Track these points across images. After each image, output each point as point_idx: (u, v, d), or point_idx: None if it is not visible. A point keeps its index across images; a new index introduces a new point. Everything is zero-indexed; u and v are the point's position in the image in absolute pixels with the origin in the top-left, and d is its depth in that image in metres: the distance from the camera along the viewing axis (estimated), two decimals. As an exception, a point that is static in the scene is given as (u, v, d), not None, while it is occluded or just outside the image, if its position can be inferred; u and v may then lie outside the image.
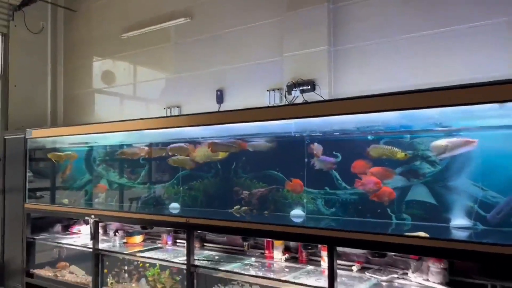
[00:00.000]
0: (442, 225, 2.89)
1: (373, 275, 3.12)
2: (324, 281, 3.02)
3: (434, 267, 2.92)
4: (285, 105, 3.79)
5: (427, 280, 2.95)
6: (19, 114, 5.88)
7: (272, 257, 3.77)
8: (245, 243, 4.00)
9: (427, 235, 2.54)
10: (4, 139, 5.42)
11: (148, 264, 4.11)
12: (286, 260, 3.68)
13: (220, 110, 4.46)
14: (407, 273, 3.08)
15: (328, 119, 3.18)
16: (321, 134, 3.56)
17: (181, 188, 4.25)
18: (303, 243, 3.49)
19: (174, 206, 4.24)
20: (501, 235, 2.63)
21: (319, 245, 3.39)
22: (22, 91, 5.97)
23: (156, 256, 4.02)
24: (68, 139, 5.07)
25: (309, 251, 3.57)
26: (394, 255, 3.16)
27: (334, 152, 3.38)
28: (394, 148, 2.99)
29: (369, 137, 3.31)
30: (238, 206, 3.83)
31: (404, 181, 3.11)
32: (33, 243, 5.06)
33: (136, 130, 4.23)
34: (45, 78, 6.27)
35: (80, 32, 6.28)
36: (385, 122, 3.19)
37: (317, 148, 3.31)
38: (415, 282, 2.96)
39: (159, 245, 4.46)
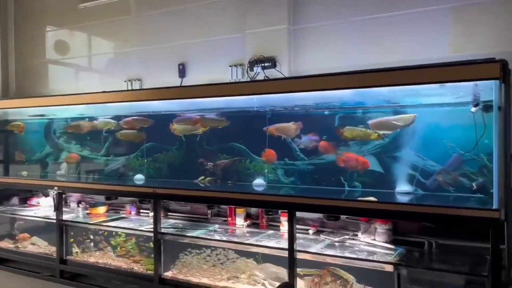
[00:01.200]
0: (388, 191, 3.27)
1: (327, 237, 3.46)
2: (284, 244, 3.32)
3: (381, 228, 3.29)
4: (247, 82, 3.97)
5: (374, 239, 3.32)
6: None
7: (234, 224, 4.02)
8: (209, 211, 4.22)
9: (375, 199, 2.88)
10: (-47, 110, 5.21)
11: (114, 233, 4.24)
12: (248, 226, 3.95)
13: (182, 84, 4.56)
14: (357, 235, 3.44)
15: (288, 95, 3.39)
16: (281, 109, 3.81)
17: (145, 160, 4.37)
18: (265, 210, 3.76)
19: (139, 178, 4.37)
20: (437, 198, 3.04)
21: (279, 211, 3.67)
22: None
23: (121, 226, 4.15)
24: (25, 111, 4.97)
25: (269, 216, 3.85)
26: (346, 218, 3.50)
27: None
28: (368, 130, 3.27)
29: (326, 112, 3.61)
30: (203, 177, 4.03)
31: (356, 152, 3.44)
32: (-11, 216, 5.01)
33: (97, 103, 4.25)
34: (-6, 47, 6.01)
35: (32, 0, 6.04)
36: (340, 99, 3.49)
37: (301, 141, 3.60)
38: (364, 241, 3.33)
39: (123, 215, 4.58)
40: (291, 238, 3.13)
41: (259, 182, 3.83)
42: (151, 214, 4.45)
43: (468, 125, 2.92)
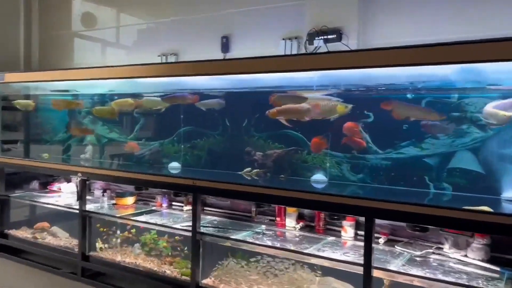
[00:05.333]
0: (490, 197, 2.59)
1: (404, 249, 2.82)
2: (354, 255, 2.70)
3: (476, 242, 2.63)
4: (308, 54, 3.30)
5: (466, 256, 2.66)
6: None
7: (284, 225, 3.42)
8: (254, 209, 3.62)
9: (490, 210, 2.20)
10: (-30, 83, 4.72)
11: (144, 228, 3.69)
12: (301, 229, 3.33)
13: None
14: (440, 248, 2.79)
15: (358, 72, 2.73)
16: (349, 89, 3.14)
17: (182, 146, 3.78)
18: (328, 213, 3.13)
19: (174, 166, 3.79)
20: None
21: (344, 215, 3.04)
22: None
23: (152, 221, 3.58)
24: (47, 86, 4.44)
25: (330, 220, 3.23)
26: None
27: (365, 112, 2.98)
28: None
29: (408, 95, 2.92)
30: (249, 169, 3.42)
31: (446, 147, 2.76)
32: (7, 201, 4.52)
33: (127, 77, 3.67)
34: (17, 16, 5.49)
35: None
36: (429, 78, 2.80)
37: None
38: (454, 258, 2.67)
39: (154, 208, 4.02)
40: (368, 252, 2.49)
41: (318, 178, 3.19)
42: (185, 208, 3.90)
43: None
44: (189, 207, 3.91)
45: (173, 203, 4.09)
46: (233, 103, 3.62)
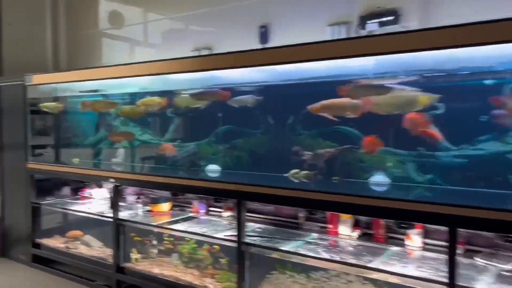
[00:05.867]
0: None
1: (488, 262, 2.40)
2: (429, 270, 2.31)
3: None
4: (363, 37, 2.88)
5: None
6: (15, 57, 4.98)
7: (337, 233, 3.05)
8: (301, 215, 3.27)
9: None
10: (-1, 87, 4.56)
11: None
12: (359, 237, 2.95)
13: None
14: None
15: (420, 56, 2.33)
16: (414, 77, 2.73)
17: (220, 147, 3.46)
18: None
19: (212, 169, 3.47)
20: None
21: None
22: (17, 31, 5.04)
23: (191, 229, 3.28)
24: (77, 87, 4.22)
25: (392, 227, 2.84)
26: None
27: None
28: None
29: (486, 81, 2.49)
30: (296, 170, 3.05)
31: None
32: (38, 208, 4.33)
33: (159, 74, 3.39)
34: (44, 16, 5.31)
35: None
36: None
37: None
38: (552, 273, 2.24)
39: (191, 214, 3.72)
40: (452, 268, 2.09)
41: (379, 180, 2.80)
42: (225, 214, 3.59)
43: None
44: (229, 213, 3.60)
45: (211, 208, 3.79)
46: (277, 98, 3.27)
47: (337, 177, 2.91)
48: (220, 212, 3.69)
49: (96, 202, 4.31)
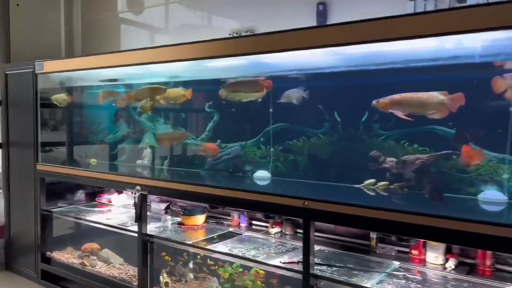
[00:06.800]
0: None
1: None
2: None
3: None
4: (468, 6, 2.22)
5: None
6: (24, 42, 4.38)
7: (424, 261, 2.41)
8: (373, 236, 2.63)
9: None
10: (5, 75, 3.96)
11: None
12: (455, 268, 2.31)
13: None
14: None
15: None
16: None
17: (272, 149, 2.83)
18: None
19: (262, 176, 2.84)
20: None
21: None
22: (27, 12, 4.44)
23: (237, 251, 2.66)
24: (93, 75, 3.61)
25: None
26: None
27: None
28: None
29: None
30: (372, 180, 2.42)
31: None
32: (49, 216, 3.73)
33: (190, 59, 2.78)
34: (57, -2, 4.71)
35: None
36: None
37: None
38: None
39: (230, 229, 3.11)
40: None
41: (491, 196, 2.15)
42: (273, 230, 2.97)
43: None
44: (277, 229, 2.98)
45: (254, 221, 3.18)
46: (345, 89, 2.63)
47: (436, 193, 2.25)
48: (265, 227, 3.07)
49: (115, 210, 3.72)
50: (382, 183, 2.39)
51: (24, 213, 3.85)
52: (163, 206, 3.63)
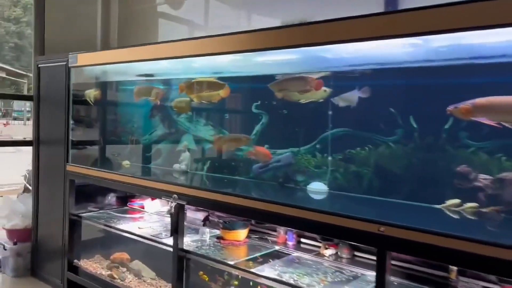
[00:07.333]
0: None
1: None
2: None
3: None
4: None
5: None
6: (59, 35, 4.15)
7: (520, 303, 1.95)
8: (453, 267, 2.18)
9: None
10: (37, 68, 3.74)
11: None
12: None
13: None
14: None
15: None
16: None
17: (329, 158, 2.42)
18: None
19: (317, 188, 2.43)
20: None
21: None
22: (63, 3, 4.22)
23: (287, 276, 2.26)
24: (130, 69, 3.32)
25: None
26: None
27: None
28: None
29: None
30: (457, 201, 1.98)
31: None
32: (78, 222, 3.47)
33: (241, 51, 2.44)
34: (94, -11, 4.48)
35: None
36: None
37: None
38: None
39: (277, 248, 2.72)
40: None
41: None
42: (326, 252, 2.57)
43: None
44: (331, 251, 2.58)
45: (302, 239, 2.78)
46: (424, 89, 2.20)
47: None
48: (316, 246, 2.67)
49: (148, 218, 3.41)
50: (470, 204, 1.96)
51: (52, 217, 3.61)
52: (199, 215, 3.29)
